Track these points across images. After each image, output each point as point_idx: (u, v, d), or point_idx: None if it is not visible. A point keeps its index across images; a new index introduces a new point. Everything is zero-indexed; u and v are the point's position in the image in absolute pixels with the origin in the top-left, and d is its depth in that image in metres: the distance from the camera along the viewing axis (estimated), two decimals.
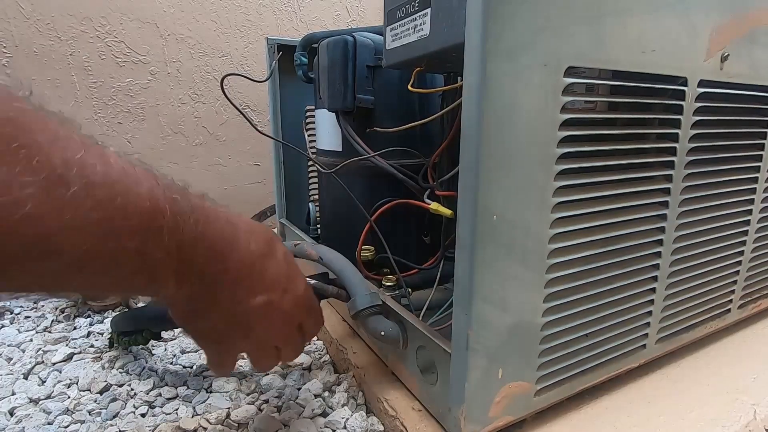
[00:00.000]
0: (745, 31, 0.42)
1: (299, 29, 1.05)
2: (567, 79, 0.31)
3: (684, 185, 0.42)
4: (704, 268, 0.47)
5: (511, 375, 0.35)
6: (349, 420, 0.43)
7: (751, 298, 0.55)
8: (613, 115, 0.37)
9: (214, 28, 0.96)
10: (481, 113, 0.29)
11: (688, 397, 0.44)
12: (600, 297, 0.39)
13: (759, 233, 0.51)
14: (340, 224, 0.62)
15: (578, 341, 0.39)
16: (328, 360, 0.55)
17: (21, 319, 0.66)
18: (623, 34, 0.33)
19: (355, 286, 0.43)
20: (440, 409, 0.38)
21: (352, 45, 0.53)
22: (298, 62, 0.67)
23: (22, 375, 0.52)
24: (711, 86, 0.40)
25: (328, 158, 0.60)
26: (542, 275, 0.35)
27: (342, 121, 0.55)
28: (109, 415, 0.45)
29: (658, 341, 0.46)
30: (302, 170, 0.81)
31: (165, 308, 0.53)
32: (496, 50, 0.28)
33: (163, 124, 0.95)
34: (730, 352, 0.52)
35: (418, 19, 0.37)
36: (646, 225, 0.41)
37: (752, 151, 0.47)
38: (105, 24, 0.85)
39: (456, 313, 0.33)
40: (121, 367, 0.53)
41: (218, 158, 1.02)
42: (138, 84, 0.91)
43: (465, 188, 0.31)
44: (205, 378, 0.51)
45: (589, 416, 0.41)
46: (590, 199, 0.36)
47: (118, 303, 0.69)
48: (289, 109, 0.77)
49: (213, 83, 0.97)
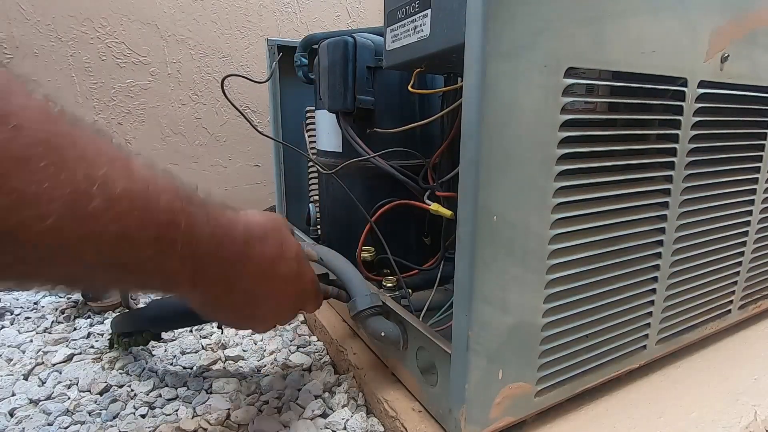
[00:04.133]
0: (745, 32, 0.42)
1: (299, 30, 1.06)
2: (567, 80, 0.31)
3: (684, 186, 0.42)
4: (704, 268, 0.47)
5: (511, 376, 0.35)
6: (349, 421, 0.43)
7: (752, 298, 0.55)
8: (613, 116, 0.37)
9: (215, 30, 0.96)
10: (481, 114, 0.29)
11: (689, 398, 0.43)
12: (600, 298, 0.39)
13: (759, 234, 0.51)
14: (341, 225, 0.62)
15: (578, 342, 0.39)
16: (328, 361, 0.55)
17: (21, 320, 0.66)
18: (623, 35, 0.33)
19: (356, 287, 0.43)
20: (440, 410, 0.38)
21: (352, 46, 0.53)
22: (299, 63, 0.67)
23: (22, 376, 0.52)
24: (711, 87, 0.40)
25: (328, 159, 0.60)
26: (542, 276, 0.35)
27: (342, 122, 0.55)
28: (109, 416, 0.45)
29: (658, 342, 0.46)
30: (302, 171, 0.81)
31: (165, 309, 0.53)
32: (496, 51, 0.28)
33: (164, 125, 0.95)
34: (730, 352, 0.52)
35: (419, 20, 0.37)
36: (647, 226, 0.41)
37: (752, 151, 0.47)
38: (105, 25, 0.86)
39: (456, 314, 0.33)
40: (122, 368, 0.53)
41: (218, 159, 1.02)
42: (138, 85, 0.91)
43: (465, 189, 0.31)
44: (205, 379, 0.51)
45: (589, 417, 0.41)
46: (590, 199, 0.36)
47: (119, 304, 0.69)
48: (289, 110, 0.77)
49: (213, 84, 0.98)
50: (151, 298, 0.74)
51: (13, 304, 0.70)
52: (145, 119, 0.93)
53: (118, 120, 0.90)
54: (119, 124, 0.90)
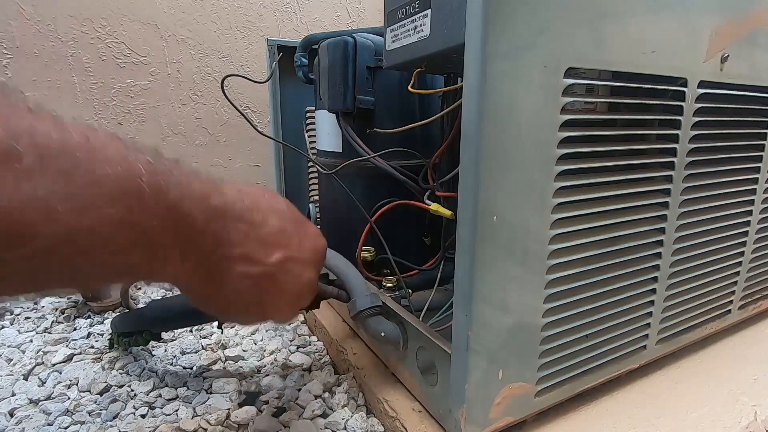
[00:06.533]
0: (745, 32, 0.42)
1: (299, 30, 1.05)
2: (567, 80, 0.31)
3: (684, 186, 0.42)
4: (704, 268, 0.47)
5: (511, 376, 0.35)
6: (349, 421, 0.43)
7: (752, 298, 0.55)
8: (613, 116, 0.37)
9: (215, 29, 0.96)
10: (481, 114, 0.29)
11: (689, 398, 0.43)
12: (600, 298, 0.39)
13: (759, 234, 0.51)
14: (341, 225, 0.62)
15: (579, 342, 0.39)
16: (328, 361, 0.55)
17: (21, 320, 0.66)
18: (623, 35, 0.33)
19: (356, 287, 0.43)
20: (440, 410, 0.38)
21: (352, 46, 0.53)
22: (299, 63, 0.67)
23: (22, 376, 0.52)
24: (711, 87, 0.40)
25: (328, 159, 0.60)
26: (542, 276, 0.35)
27: (342, 122, 0.55)
28: (109, 416, 0.45)
29: (658, 342, 0.46)
30: (302, 171, 0.81)
31: (165, 309, 0.53)
32: (496, 51, 0.28)
33: (164, 125, 0.95)
34: (730, 353, 0.52)
35: (419, 20, 0.37)
36: (647, 226, 0.40)
37: (752, 151, 0.47)
38: (105, 25, 0.86)
39: (456, 314, 0.33)
40: (121, 368, 0.53)
41: (218, 159, 1.02)
42: (138, 85, 0.91)
43: (465, 189, 0.31)
44: (205, 379, 0.51)
45: (589, 417, 0.41)
46: (590, 199, 0.36)
47: (119, 304, 0.69)
48: (289, 110, 0.77)
49: (213, 84, 0.98)
50: (152, 298, 0.74)
51: (13, 304, 0.70)
52: (145, 119, 0.93)
53: (118, 120, 0.90)
54: (119, 124, 0.90)
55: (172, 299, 0.55)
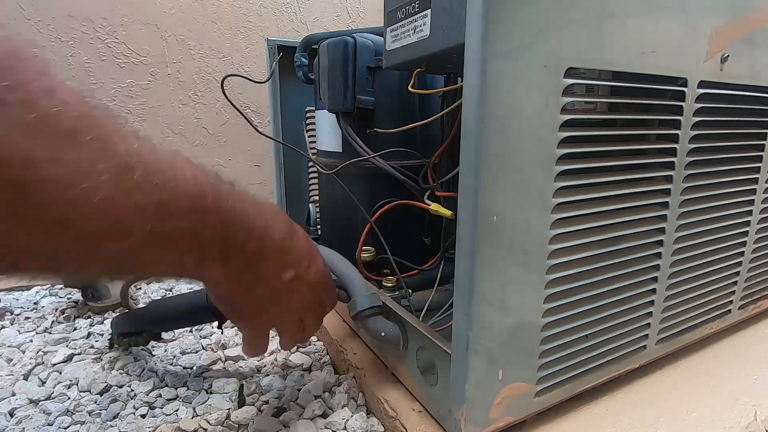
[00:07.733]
0: (745, 32, 0.42)
1: (299, 30, 1.05)
2: (567, 80, 0.31)
3: (684, 186, 0.42)
4: (705, 268, 0.47)
5: (511, 376, 0.35)
6: (349, 421, 0.43)
7: (752, 298, 0.55)
8: (613, 116, 0.37)
9: (215, 30, 0.96)
10: (481, 114, 0.29)
11: (689, 398, 0.43)
12: (600, 298, 0.39)
13: (759, 234, 0.51)
14: (340, 225, 0.62)
15: (579, 342, 0.39)
16: (328, 361, 0.55)
17: (21, 320, 0.66)
18: (623, 35, 0.33)
19: (356, 287, 0.43)
20: (440, 410, 0.38)
21: (352, 46, 0.53)
22: (299, 63, 0.67)
23: (22, 376, 0.52)
24: (711, 87, 0.40)
25: (328, 159, 0.60)
26: (542, 276, 0.35)
27: (342, 122, 0.55)
28: (109, 416, 0.45)
29: (658, 342, 0.46)
30: (302, 171, 0.81)
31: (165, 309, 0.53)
32: (496, 51, 0.28)
33: (164, 125, 0.95)
34: (730, 353, 0.52)
35: (419, 20, 0.37)
36: (647, 226, 0.41)
37: (752, 152, 0.47)
38: (105, 25, 0.86)
39: (456, 314, 0.33)
40: (122, 368, 0.53)
41: (218, 159, 1.02)
42: (138, 85, 0.91)
43: (465, 189, 0.31)
44: (205, 379, 0.51)
45: (589, 417, 0.41)
46: (590, 199, 0.36)
47: (119, 303, 0.69)
48: (289, 110, 0.77)
49: (213, 84, 0.98)
50: (152, 298, 0.74)
51: (13, 304, 0.71)
52: (145, 119, 0.93)
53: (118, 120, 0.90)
54: None
55: (172, 299, 0.55)
